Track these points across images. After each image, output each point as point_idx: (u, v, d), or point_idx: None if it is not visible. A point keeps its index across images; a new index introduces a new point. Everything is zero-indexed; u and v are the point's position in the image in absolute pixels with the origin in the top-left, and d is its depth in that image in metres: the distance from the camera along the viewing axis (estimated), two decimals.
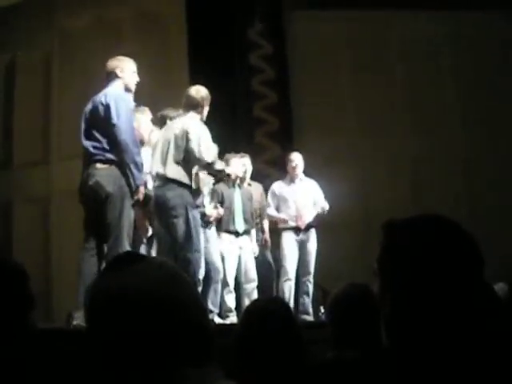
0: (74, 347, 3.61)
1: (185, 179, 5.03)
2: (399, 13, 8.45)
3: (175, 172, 5.02)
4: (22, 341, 1.86)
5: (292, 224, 6.52)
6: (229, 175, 5.49)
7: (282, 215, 6.56)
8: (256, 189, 6.72)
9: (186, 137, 5.02)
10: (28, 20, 8.39)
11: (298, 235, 6.51)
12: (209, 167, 5.18)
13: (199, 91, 5.26)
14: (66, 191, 6.59)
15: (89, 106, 4.85)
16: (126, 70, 4.93)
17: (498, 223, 7.74)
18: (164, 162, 5.06)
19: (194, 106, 5.20)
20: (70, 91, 7.39)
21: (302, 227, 6.50)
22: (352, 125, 8.37)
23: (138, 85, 5.09)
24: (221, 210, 6.14)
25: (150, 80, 6.92)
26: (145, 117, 5.60)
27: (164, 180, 5.03)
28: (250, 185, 6.64)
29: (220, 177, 5.36)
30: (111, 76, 4.88)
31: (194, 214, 5.03)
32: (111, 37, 8.06)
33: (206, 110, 5.25)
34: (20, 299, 1.89)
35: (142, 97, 5.35)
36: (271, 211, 6.64)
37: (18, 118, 8.53)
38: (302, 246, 6.50)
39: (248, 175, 6.62)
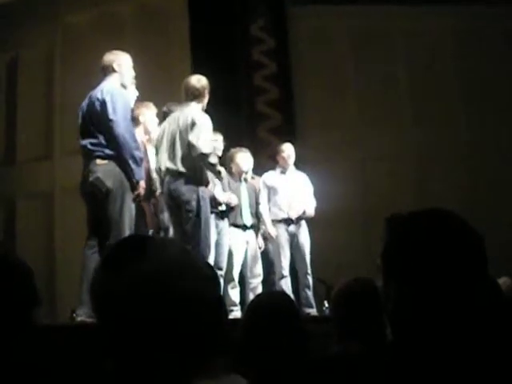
0: (78, 343, 3.62)
1: (196, 172, 5.01)
2: (400, 7, 8.42)
3: (186, 166, 4.99)
4: (26, 337, 1.87)
5: (283, 216, 6.48)
6: (219, 172, 5.34)
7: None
8: (259, 183, 6.70)
9: (190, 127, 4.97)
10: (30, 16, 8.37)
11: (288, 227, 6.46)
12: (202, 158, 5.01)
13: (200, 80, 5.21)
14: (69, 187, 6.58)
15: (85, 102, 4.79)
16: (123, 64, 4.85)
17: (501, 219, 7.72)
18: (173, 157, 5.02)
19: (195, 95, 5.15)
20: (73, 87, 7.36)
21: (293, 218, 6.46)
22: (355, 119, 8.36)
23: (140, 79, 5.07)
24: (233, 197, 6.09)
25: (152, 75, 6.94)
26: (150, 112, 5.57)
27: (176, 175, 4.99)
28: (253, 178, 6.64)
29: (211, 171, 5.28)
30: (107, 70, 4.80)
31: (206, 208, 5.02)
32: (114, 32, 8.04)
33: (207, 99, 5.21)
34: (24, 295, 1.89)
35: (144, 92, 5.33)
36: (265, 211, 6.48)
37: (21, 113, 8.52)
38: (294, 240, 6.45)
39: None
